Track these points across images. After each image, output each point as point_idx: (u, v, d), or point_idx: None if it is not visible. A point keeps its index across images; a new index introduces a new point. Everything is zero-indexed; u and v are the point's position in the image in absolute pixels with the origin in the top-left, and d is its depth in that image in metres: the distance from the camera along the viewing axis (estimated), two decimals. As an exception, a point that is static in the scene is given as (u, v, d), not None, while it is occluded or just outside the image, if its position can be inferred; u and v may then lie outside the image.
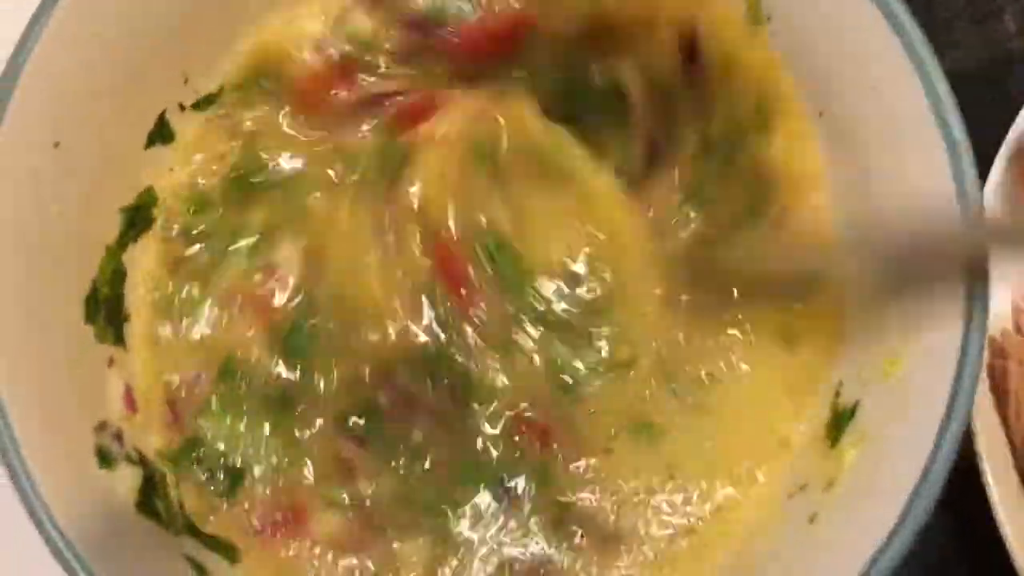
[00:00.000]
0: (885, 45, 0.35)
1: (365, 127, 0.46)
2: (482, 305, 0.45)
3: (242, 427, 0.43)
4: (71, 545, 0.35)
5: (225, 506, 0.42)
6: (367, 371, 0.44)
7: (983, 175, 0.46)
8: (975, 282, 0.34)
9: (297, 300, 0.45)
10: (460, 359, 0.44)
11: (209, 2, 0.41)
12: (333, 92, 0.45)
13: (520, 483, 0.43)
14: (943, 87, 0.34)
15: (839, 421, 0.39)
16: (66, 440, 0.38)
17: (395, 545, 0.43)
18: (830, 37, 0.37)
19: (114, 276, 0.42)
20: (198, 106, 0.44)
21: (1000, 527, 0.44)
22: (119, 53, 0.39)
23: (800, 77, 0.39)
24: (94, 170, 0.40)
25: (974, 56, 0.55)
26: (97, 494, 0.38)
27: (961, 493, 0.43)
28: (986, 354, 0.47)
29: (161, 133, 0.43)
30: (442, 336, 0.44)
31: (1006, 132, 0.48)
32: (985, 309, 0.34)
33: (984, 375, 0.47)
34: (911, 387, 0.35)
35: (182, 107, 0.43)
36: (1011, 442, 0.46)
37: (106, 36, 0.38)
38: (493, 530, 0.43)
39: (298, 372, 0.44)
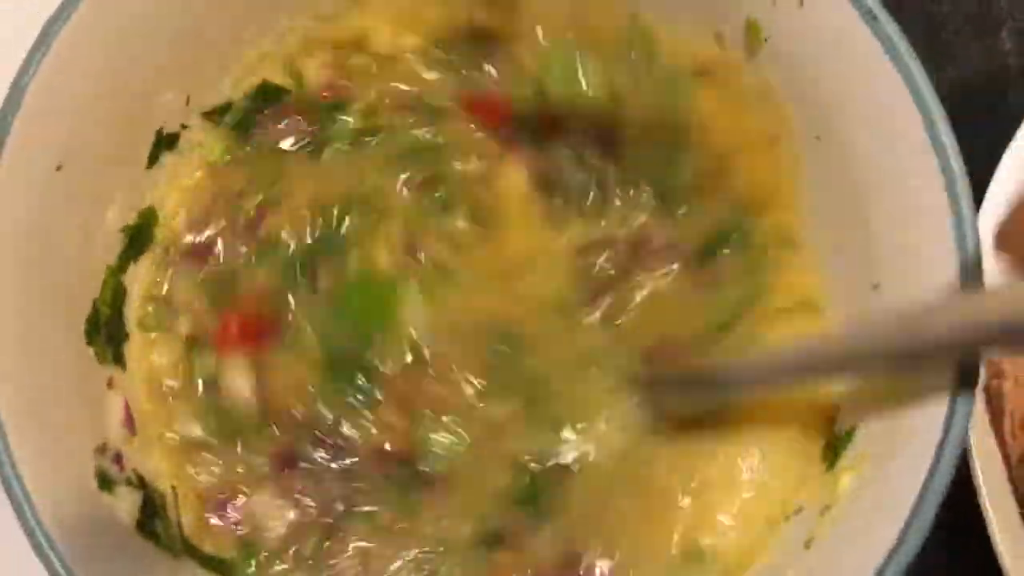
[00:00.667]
0: (879, 68, 0.35)
1: None
2: None
3: None
4: (70, 569, 0.35)
5: None
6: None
7: (980, 191, 0.46)
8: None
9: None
10: None
11: (212, 24, 0.41)
12: None
13: None
14: (938, 111, 0.34)
15: (836, 445, 0.39)
16: (66, 463, 0.38)
17: None
18: (825, 59, 0.37)
19: (115, 296, 0.42)
20: (200, 124, 0.44)
21: (996, 547, 0.44)
22: (122, 75, 0.39)
23: (796, 99, 0.40)
24: (96, 191, 0.40)
25: (972, 71, 0.55)
26: (96, 516, 0.38)
27: (957, 511, 0.43)
28: (983, 373, 0.47)
29: (163, 152, 0.43)
30: None
31: (1003, 148, 0.49)
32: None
33: (980, 394, 0.47)
34: (907, 412, 0.35)
35: (184, 126, 0.43)
36: (1006, 460, 0.46)
37: (109, 60, 0.39)
38: None
39: None
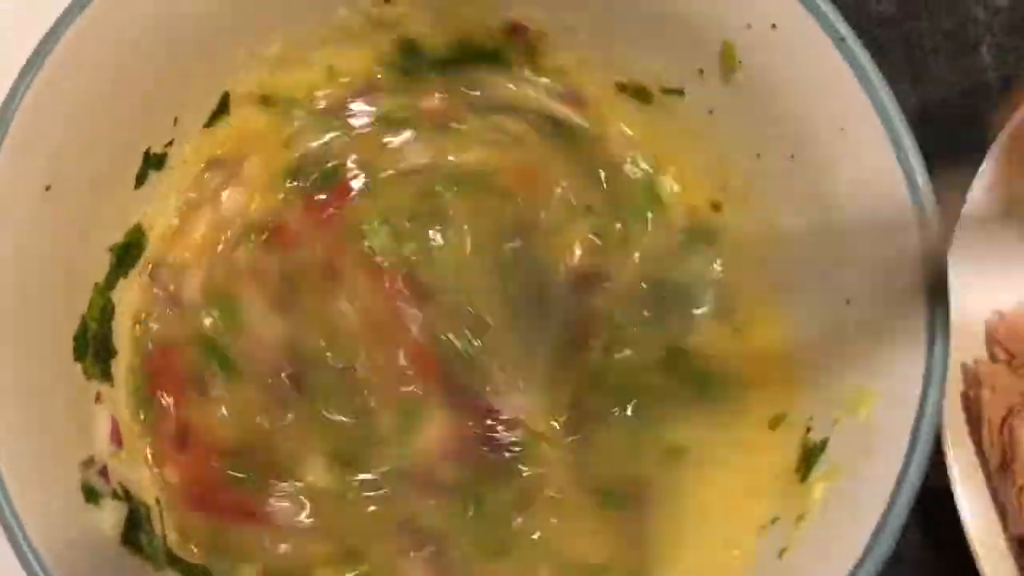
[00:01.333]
0: (848, 89, 0.36)
1: None
2: None
3: None
4: (56, 581, 0.35)
5: None
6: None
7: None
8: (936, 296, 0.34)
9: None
10: None
11: (202, 48, 0.42)
12: None
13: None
14: (904, 132, 0.35)
15: (809, 456, 0.40)
16: (53, 476, 0.38)
17: None
18: (797, 79, 0.38)
19: (103, 313, 0.43)
20: (188, 143, 0.44)
21: (972, 549, 0.45)
22: (111, 98, 0.40)
23: (769, 119, 0.40)
24: (84, 211, 0.40)
25: (950, 87, 0.56)
26: (82, 529, 0.38)
27: (936, 516, 0.44)
28: (961, 382, 0.48)
29: (151, 172, 0.43)
30: None
31: (981, 161, 0.49)
32: (945, 343, 0.35)
33: (958, 402, 0.47)
34: (877, 423, 0.36)
35: (171, 144, 0.44)
36: (985, 468, 0.47)
37: (98, 83, 0.39)
38: None
39: None
